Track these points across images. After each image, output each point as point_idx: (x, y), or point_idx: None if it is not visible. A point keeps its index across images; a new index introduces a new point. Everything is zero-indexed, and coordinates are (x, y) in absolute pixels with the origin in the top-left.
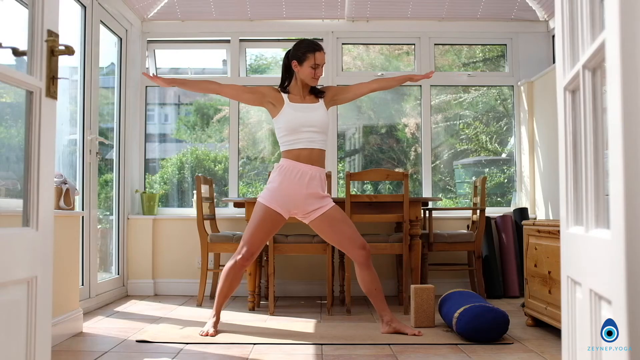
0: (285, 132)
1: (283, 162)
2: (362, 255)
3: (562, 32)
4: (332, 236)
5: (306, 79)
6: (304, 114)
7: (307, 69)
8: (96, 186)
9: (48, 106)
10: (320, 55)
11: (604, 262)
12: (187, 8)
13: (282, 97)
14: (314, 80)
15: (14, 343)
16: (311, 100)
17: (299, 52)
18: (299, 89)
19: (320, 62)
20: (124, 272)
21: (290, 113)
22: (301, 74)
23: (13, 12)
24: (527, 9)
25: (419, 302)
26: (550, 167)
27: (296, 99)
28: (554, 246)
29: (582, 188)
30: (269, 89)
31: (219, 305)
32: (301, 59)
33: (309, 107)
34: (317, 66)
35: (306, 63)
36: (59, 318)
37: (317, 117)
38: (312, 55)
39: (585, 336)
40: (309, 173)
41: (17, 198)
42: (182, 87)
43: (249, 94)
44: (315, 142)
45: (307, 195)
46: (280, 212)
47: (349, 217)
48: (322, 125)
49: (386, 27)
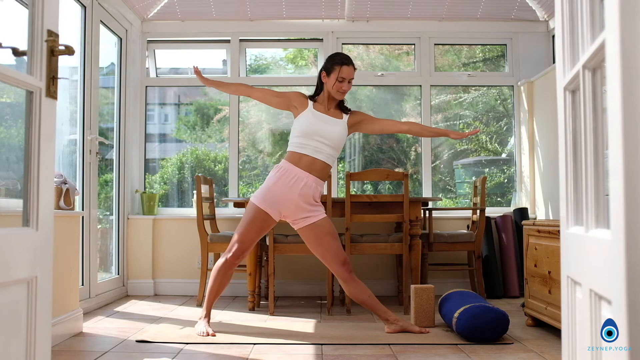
0: (297, 134)
1: (283, 163)
2: (344, 270)
3: (562, 32)
4: (316, 247)
5: (332, 91)
6: (321, 123)
7: (333, 80)
8: (96, 186)
9: (48, 106)
10: (347, 69)
11: (604, 262)
12: (187, 8)
13: (308, 103)
14: (339, 94)
15: (14, 343)
16: (334, 114)
17: (329, 64)
18: (324, 100)
19: (346, 76)
20: (124, 272)
21: (308, 118)
22: (328, 85)
23: (13, 12)
24: (527, 9)
25: (419, 302)
26: (550, 167)
27: (320, 108)
28: (554, 246)
29: (582, 188)
30: (296, 94)
31: (210, 303)
32: (329, 70)
33: (329, 120)
34: (343, 80)
35: (333, 75)
36: (59, 318)
37: (332, 131)
38: (339, 68)
39: (585, 336)
40: (304, 180)
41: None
42: (217, 87)
43: (276, 98)
44: (320, 153)
45: (298, 201)
46: (269, 213)
47: (336, 231)
48: (334, 140)
49: (386, 27)
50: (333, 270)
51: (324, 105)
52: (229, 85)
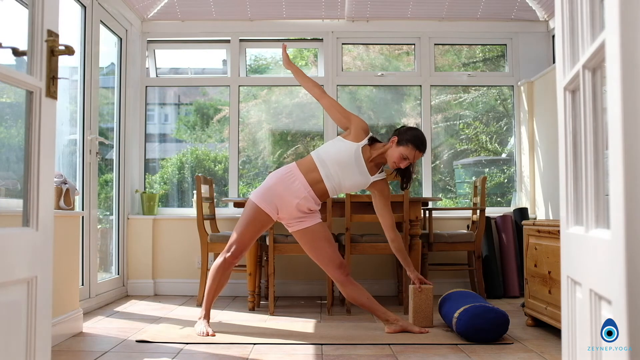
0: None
1: (293, 167)
2: (340, 273)
3: (562, 32)
4: (311, 251)
5: (389, 158)
6: (354, 165)
7: (398, 153)
8: (96, 186)
9: (48, 106)
10: (417, 155)
11: (604, 262)
12: (187, 8)
13: (363, 139)
14: (393, 164)
15: (14, 343)
16: (370, 168)
17: (406, 136)
18: (375, 153)
19: (411, 159)
20: (124, 272)
21: (350, 152)
22: (390, 150)
23: (13, 12)
24: (527, 9)
25: (417, 302)
26: (550, 167)
27: (366, 153)
28: (554, 246)
29: (582, 188)
30: (360, 122)
31: (209, 303)
32: (402, 142)
33: (362, 168)
34: (406, 159)
35: (403, 149)
36: (59, 318)
37: (355, 180)
38: (413, 150)
39: (585, 336)
40: (306, 190)
41: (17, 198)
42: (295, 74)
43: (339, 115)
44: (330, 182)
45: (298, 204)
46: (268, 212)
47: (331, 236)
48: (350, 185)
49: (386, 27)
50: (330, 273)
51: (371, 155)
52: (307, 80)
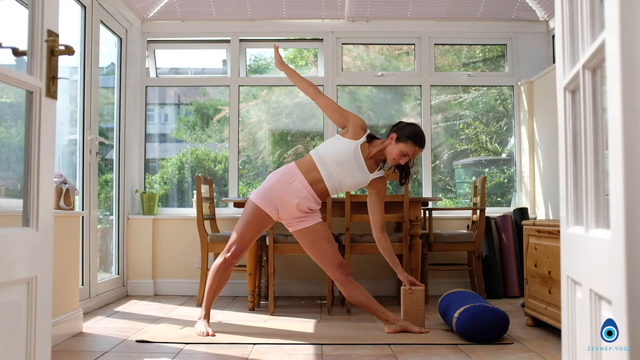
0: (328, 152)
1: (292, 167)
2: (340, 273)
3: (562, 32)
4: (312, 251)
5: (388, 154)
6: (353, 163)
7: (398, 149)
8: (96, 186)
9: (48, 106)
10: (417, 151)
11: (604, 262)
12: (187, 8)
13: (361, 137)
14: (392, 161)
15: (14, 343)
16: (370, 165)
17: (405, 132)
18: (374, 150)
19: (411, 155)
20: (124, 272)
21: (349, 150)
22: (390, 147)
23: (13, 12)
24: (527, 9)
25: (408, 304)
26: (550, 167)
27: (365, 150)
28: (554, 246)
29: (582, 188)
30: (357, 119)
31: (209, 303)
32: (401, 139)
33: (362, 165)
34: (406, 155)
35: (402, 145)
36: (59, 318)
37: (356, 177)
38: (413, 146)
39: (585, 336)
40: (307, 189)
41: (17, 198)
42: (290, 75)
43: (336, 114)
44: (331, 181)
45: (298, 204)
46: (268, 212)
47: (332, 236)
48: (351, 184)
49: (386, 27)
50: (330, 273)
51: (370, 152)
52: (302, 80)
